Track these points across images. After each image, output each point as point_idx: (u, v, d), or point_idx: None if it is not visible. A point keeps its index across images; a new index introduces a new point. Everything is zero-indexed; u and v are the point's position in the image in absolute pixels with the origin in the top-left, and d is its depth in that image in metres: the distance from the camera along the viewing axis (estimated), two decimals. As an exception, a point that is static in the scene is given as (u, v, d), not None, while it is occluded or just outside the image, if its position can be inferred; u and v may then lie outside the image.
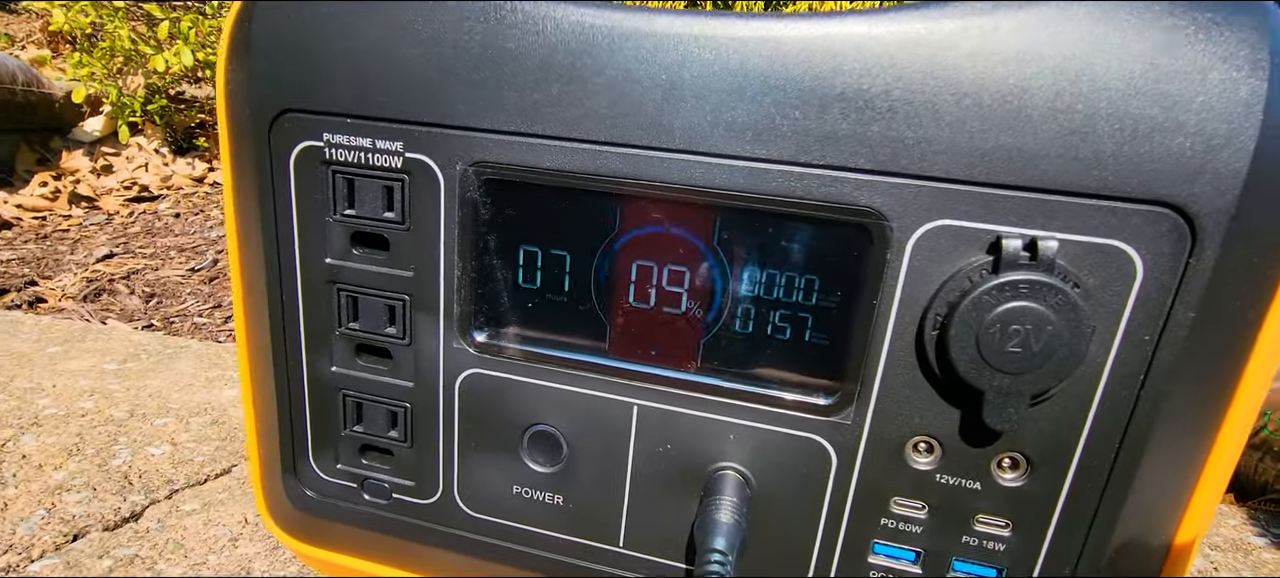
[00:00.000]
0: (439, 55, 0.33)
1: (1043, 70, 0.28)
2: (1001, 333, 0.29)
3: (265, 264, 0.40)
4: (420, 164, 0.35)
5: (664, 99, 0.31)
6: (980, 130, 0.29)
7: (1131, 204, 0.28)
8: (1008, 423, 0.30)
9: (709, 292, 0.34)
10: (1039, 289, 0.28)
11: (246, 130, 0.38)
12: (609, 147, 0.33)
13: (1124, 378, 0.30)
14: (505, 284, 0.37)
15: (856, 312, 0.32)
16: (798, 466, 0.35)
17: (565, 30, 0.32)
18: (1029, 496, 0.33)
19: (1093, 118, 0.28)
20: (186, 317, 1.33)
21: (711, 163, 0.32)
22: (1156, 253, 0.28)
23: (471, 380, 0.39)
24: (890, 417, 0.33)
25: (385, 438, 0.42)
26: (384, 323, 0.39)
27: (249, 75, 0.36)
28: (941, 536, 0.35)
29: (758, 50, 0.30)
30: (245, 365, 0.44)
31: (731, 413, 0.36)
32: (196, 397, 0.88)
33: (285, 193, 0.38)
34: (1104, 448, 0.32)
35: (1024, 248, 0.29)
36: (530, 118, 0.33)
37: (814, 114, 0.30)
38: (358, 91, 0.35)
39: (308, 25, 0.35)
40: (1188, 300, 0.29)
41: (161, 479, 0.69)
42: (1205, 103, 0.27)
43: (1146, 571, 0.34)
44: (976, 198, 0.29)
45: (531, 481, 0.40)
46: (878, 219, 0.31)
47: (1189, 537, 0.34)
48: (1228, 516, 0.82)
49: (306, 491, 0.45)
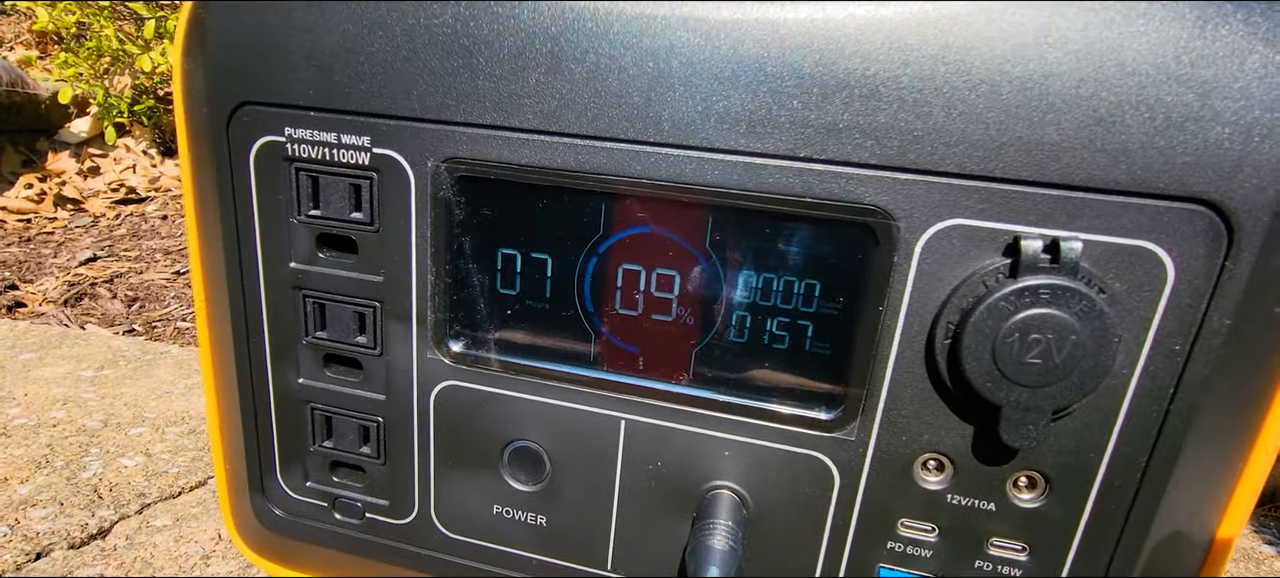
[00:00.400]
0: (408, 42, 0.31)
1: (1066, 55, 0.25)
2: (1020, 343, 0.27)
3: (226, 269, 0.37)
4: (389, 160, 0.33)
5: (651, 88, 0.29)
6: (997, 121, 0.26)
7: (1163, 201, 0.26)
8: (1027, 441, 0.28)
9: (701, 298, 0.32)
10: (1061, 295, 0.26)
11: (203, 124, 0.35)
12: (592, 140, 0.30)
13: (1152, 391, 0.28)
14: (482, 290, 0.34)
15: (861, 319, 0.30)
16: (798, 485, 0.33)
17: (543, 14, 0.29)
18: (1048, 518, 0.30)
19: (1120, 107, 0.25)
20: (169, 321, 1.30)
21: (703, 157, 0.29)
22: (1190, 255, 0.26)
23: (447, 393, 0.36)
24: (898, 432, 0.31)
25: (357, 454, 0.39)
26: (353, 332, 0.36)
27: (206, 65, 0.34)
28: (953, 560, 0.32)
29: (752, 34, 0.27)
30: (209, 377, 0.41)
31: (726, 428, 0.33)
32: (175, 405, 0.85)
33: (246, 192, 0.35)
34: (1130, 467, 0.29)
35: (1044, 249, 0.26)
36: (506, 110, 0.30)
37: (814, 104, 0.27)
38: (321, 82, 0.32)
39: (267, 11, 0.32)
40: (1223, 306, 0.26)
41: (133, 493, 0.66)
42: (1244, 89, 0.24)
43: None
44: (992, 195, 0.27)
45: (513, 500, 0.37)
46: (884, 218, 0.28)
47: (1222, 549, 0.32)
48: (1238, 523, 0.80)
49: (275, 510, 0.42)
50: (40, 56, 3.06)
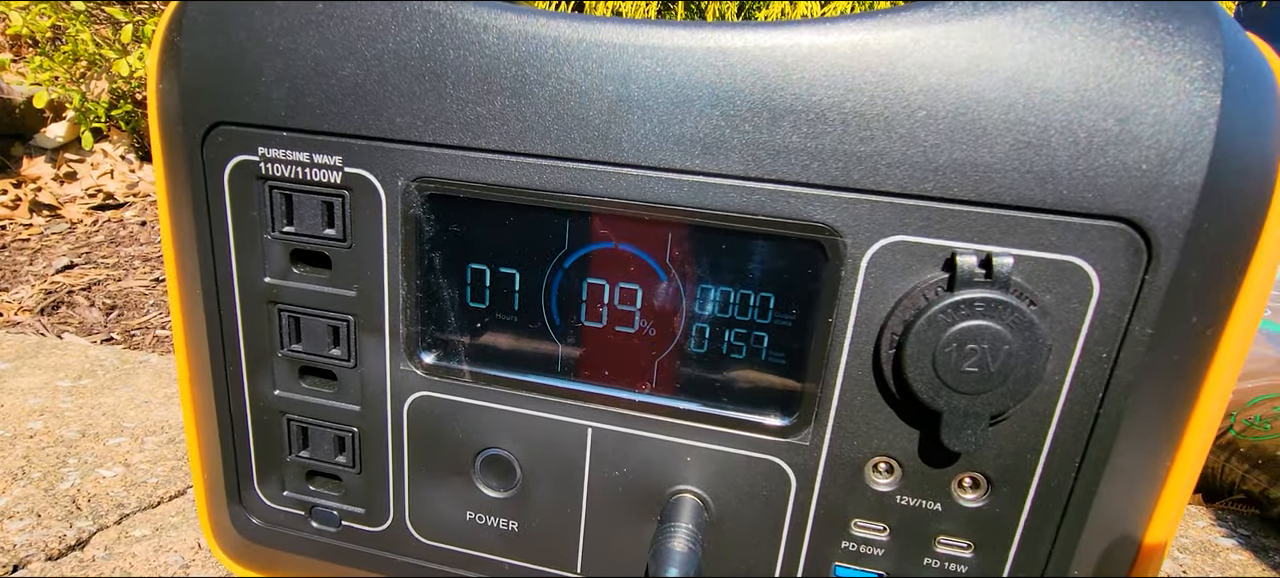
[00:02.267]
0: (378, 65, 0.32)
1: (996, 82, 0.27)
2: (958, 352, 0.28)
3: (202, 283, 0.38)
4: (361, 179, 0.34)
5: (610, 112, 0.30)
6: (934, 144, 0.28)
7: (1087, 219, 0.27)
8: (967, 445, 0.29)
9: (662, 310, 0.33)
10: (995, 307, 0.28)
11: (178, 144, 0.36)
12: (555, 161, 0.31)
13: (1083, 396, 0.30)
14: (453, 304, 0.36)
15: (812, 330, 0.31)
16: (757, 488, 0.34)
17: (508, 40, 0.30)
18: (990, 516, 0.32)
19: (1046, 131, 0.27)
20: (148, 329, 1.30)
21: (661, 177, 0.30)
22: (1113, 269, 0.28)
23: (420, 403, 0.37)
24: (849, 437, 0.32)
25: (332, 464, 0.40)
26: (328, 344, 0.37)
27: (180, 86, 0.35)
28: (903, 557, 0.34)
29: (705, 61, 0.29)
30: (186, 388, 0.42)
31: (688, 435, 0.34)
32: (154, 414, 0.85)
33: (220, 209, 0.36)
34: (1065, 468, 0.31)
35: (979, 265, 0.28)
36: (473, 131, 0.32)
37: (764, 127, 0.29)
38: (293, 103, 0.33)
39: (240, 33, 0.33)
40: (1145, 317, 0.28)
41: (112, 503, 0.66)
42: (1159, 115, 0.26)
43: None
44: (931, 213, 0.28)
45: (485, 506, 0.39)
46: (831, 235, 0.30)
47: (1154, 550, 0.34)
48: (1196, 516, 0.83)
49: (253, 519, 0.43)
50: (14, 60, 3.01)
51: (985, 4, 0.27)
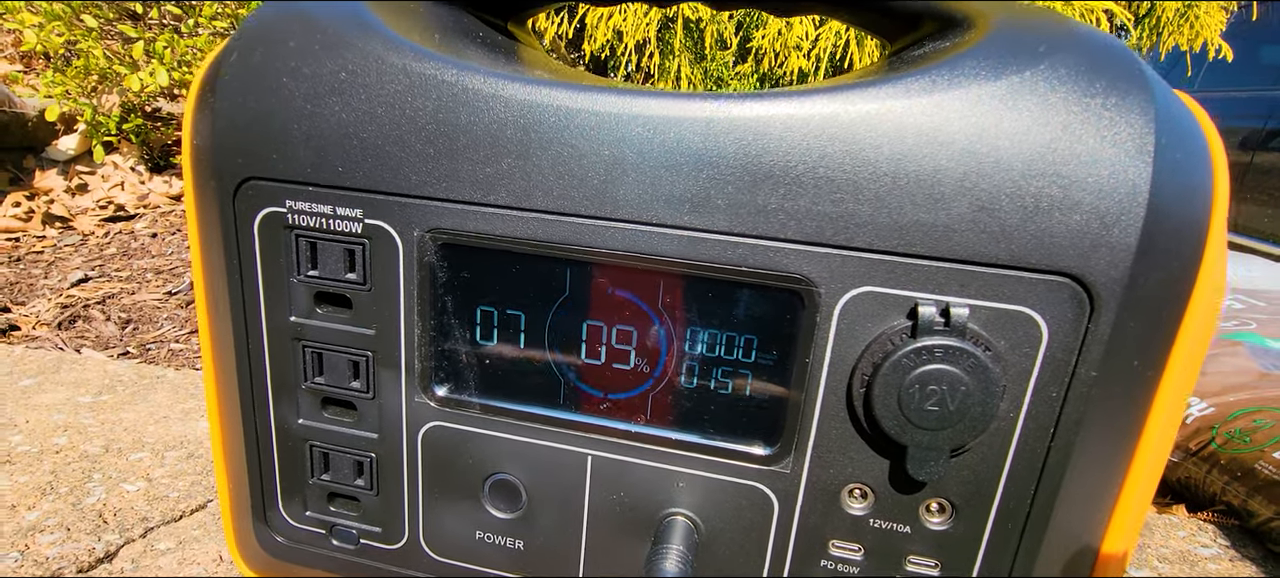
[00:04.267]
0: (395, 128, 0.35)
1: (953, 151, 0.30)
2: (920, 392, 0.31)
3: (232, 320, 0.41)
4: (379, 229, 0.37)
5: (608, 173, 0.33)
6: (897, 206, 0.31)
7: (1036, 274, 0.30)
8: (930, 475, 0.33)
9: (655, 350, 0.36)
10: (952, 353, 0.31)
11: (211, 195, 0.39)
12: (558, 216, 0.34)
13: (1036, 431, 0.33)
14: (463, 342, 0.39)
15: (791, 369, 0.35)
16: (742, 511, 0.37)
17: (514, 107, 0.34)
18: (955, 538, 0.35)
19: (998, 195, 0.30)
20: (163, 343, 1.33)
21: (653, 232, 0.34)
22: (1060, 318, 0.31)
23: (434, 432, 0.40)
24: (826, 466, 0.35)
25: (352, 486, 0.43)
26: (348, 378, 0.41)
27: (213, 144, 0.38)
28: (877, 576, 0.37)
29: (692, 129, 0.32)
30: (215, 415, 0.45)
31: (679, 462, 0.38)
32: (172, 430, 0.88)
33: (250, 254, 0.39)
34: (1021, 494, 0.34)
35: (939, 314, 0.31)
36: (483, 189, 0.35)
37: (746, 189, 0.32)
38: (318, 161, 0.36)
39: (270, 98, 0.36)
40: (1090, 361, 0.31)
41: (136, 517, 0.70)
42: (1098, 183, 0.29)
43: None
44: (896, 267, 0.32)
45: (493, 526, 0.42)
46: (807, 286, 0.33)
47: (1108, 569, 0.37)
48: (1177, 527, 0.86)
49: (276, 536, 0.46)
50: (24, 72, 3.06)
51: (943, 81, 0.30)
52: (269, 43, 0.37)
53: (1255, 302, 1.44)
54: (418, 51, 0.35)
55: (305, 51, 0.36)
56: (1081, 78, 0.30)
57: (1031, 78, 0.30)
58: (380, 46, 0.35)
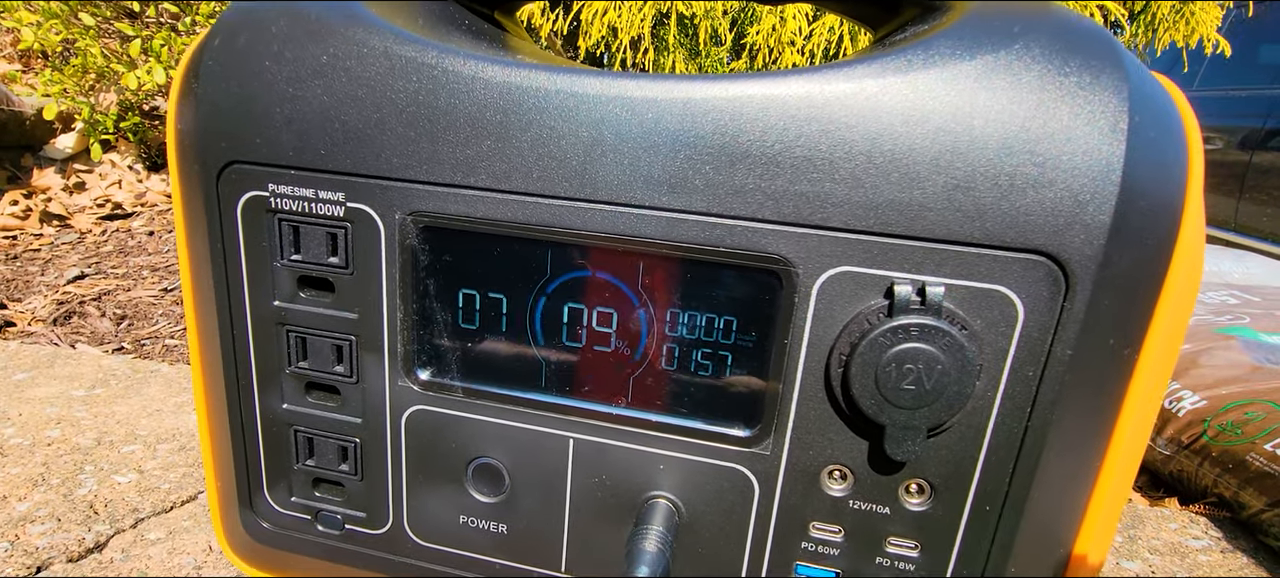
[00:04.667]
0: (376, 111, 0.35)
1: (928, 130, 0.30)
2: (897, 371, 0.31)
3: (216, 305, 0.41)
4: (361, 213, 0.37)
5: (587, 154, 0.33)
6: (873, 185, 0.31)
7: (1011, 252, 0.31)
8: (908, 454, 0.33)
9: (635, 332, 0.37)
10: (928, 332, 0.31)
11: (195, 180, 0.39)
12: (538, 198, 0.35)
13: (1013, 410, 0.33)
14: (446, 325, 0.39)
15: (770, 350, 0.35)
16: (723, 493, 0.37)
17: (493, 89, 0.34)
18: (934, 518, 0.35)
19: (973, 174, 0.30)
20: (158, 339, 1.33)
21: (632, 213, 0.34)
22: (1036, 297, 0.31)
23: (417, 416, 0.41)
24: (805, 447, 0.35)
25: (336, 472, 0.43)
26: (332, 362, 0.41)
27: (197, 128, 0.38)
28: (857, 557, 0.37)
29: (670, 110, 0.32)
30: (201, 402, 0.45)
31: (660, 445, 0.38)
32: (165, 423, 0.88)
33: (233, 239, 0.39)
34: (1000, 474, 0.34)
35: (915, 293, 0.31)
36: (463, 171, 0.35)
37: (723, 169, 0.32)
38: (300, 145, 0.36)
39: (252, 82, 0.36)
40: (1065, 339, 0.31)
41: (127, 508, 0.70)
42: (1072, 162, 0.29)
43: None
44: (873, 247, 0.32)
45: (476, 511, 0.42)
46: (785, 266, 0.33)
47: (1087, 552, 0.37)
48: (1169, 519, 0.86)
49: (263, 523, 0.46)
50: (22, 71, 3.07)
51: (918, 61, 0.31)
52: (252, 28, 0.37)
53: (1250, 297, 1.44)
54: (399, 35, 0.35)
55: (288, 36, 0.36)
56: (1055, 57, 0.30)
57: (1005, 57, 0.30)
58: (361, 30, 0.35)
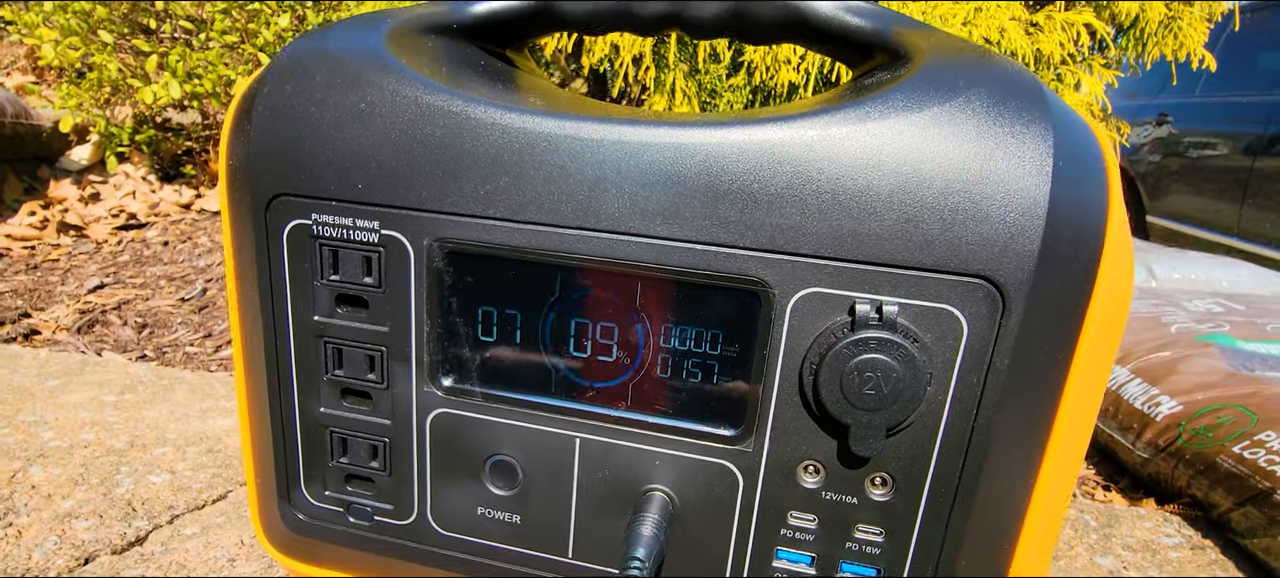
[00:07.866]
0: (408, 152, 0.40)
1: (884, 172, 0.35)
2: (859, 378, 0.36)
3: (262, 321, 0.47)
4: (393, 239, 0.42)
5: (591, 190, 0.39)
6: (838, 218, 0.36)
7: (955, 276, 0.36)
8: (870, 451, 0.38)
9: (634, 344, 0.42)
10: (885, 344, 0.36)
11: (246, 208, 0.44)
12: (548, 227, 0.40)
13: (961, 412, 0.38)
14: (467, 338, 0.44)
15: (751, 360, 0.40)
16: (711, 486, 0.42)
17: (510, 133, 0.39)
18: (896, 508, 0.40)
19: (922, 209, 0.35)
20: (178, 347, 1.39)
21: (631, 241, 0.39)
22: (977, 315, 0.36)
23: (440, 418, 0.46)
24: (783, 445, 0.40)
25: (367, 468, 0.48)
26: (365, 370, 0.46)
27: (249, 163, 0.43)
28: (830, 543, 0.42)
29: (663, 152, 0.37)
30: (243, 407, 0.51)
31: (656, 443, 0.43)
32: (192, 427, 0.93)
33: (279, 262, 0.45)
34: (951, 468, 0.39)
35: (874, 311, 0.36)
36: (483, 203, 0.40)
37: (709, 203, 0.37)
38: (340, 180, 0.42)
39: (299, 124, 0.42)
40: (1003, 351, 0.36)
41: (163, 506, 0.75)
42: (1005, 199, 0.34)
43: (998, 570, 0.42)
44: (838, 271, 0.37)
45: (493, 503, 0.47)
46: (763, 287, 0.38)
47: (1033, 539, 0.42)
48: (1144, 519, 0.90)
49: (298, 515, 0.51)
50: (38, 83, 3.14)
51: (876, 111, 0.36)
52: (297, 77, 0.42)
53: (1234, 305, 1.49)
54: (427, 84, 0.40)
55: (329, 84, 0.41)
56: (992, 107, 0.35)
57: (950, 109, 0.35)
58: (394, 80, 0.40)
